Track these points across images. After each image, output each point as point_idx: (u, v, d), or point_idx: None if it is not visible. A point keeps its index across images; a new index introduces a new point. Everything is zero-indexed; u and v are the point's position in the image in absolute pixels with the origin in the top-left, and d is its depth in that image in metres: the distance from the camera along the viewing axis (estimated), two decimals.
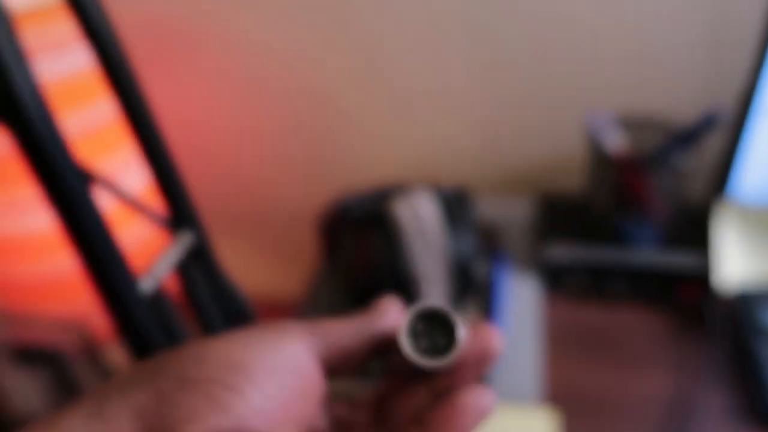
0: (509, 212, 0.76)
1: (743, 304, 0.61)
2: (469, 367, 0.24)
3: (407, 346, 0.24)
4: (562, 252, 0.67)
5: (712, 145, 0.66)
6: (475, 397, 0.24)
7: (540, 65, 0.74)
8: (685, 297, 0.65)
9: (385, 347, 0.26)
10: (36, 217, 0.62)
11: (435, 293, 0.58)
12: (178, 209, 0.34)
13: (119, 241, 0.29)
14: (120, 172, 0.67)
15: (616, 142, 0.64)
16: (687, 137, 0.61)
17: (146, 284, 0.31)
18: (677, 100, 0.71)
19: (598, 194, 0.67)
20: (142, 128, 0.32)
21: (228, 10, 0.77)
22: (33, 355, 0.64)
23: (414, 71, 0.77)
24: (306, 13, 0.75)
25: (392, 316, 0.26)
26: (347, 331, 0.26)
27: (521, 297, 0.67)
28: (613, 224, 0.67)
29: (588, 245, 0.67)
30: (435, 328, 0.25)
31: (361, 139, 0.84)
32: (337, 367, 0.25)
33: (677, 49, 0.70)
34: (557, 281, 0.68)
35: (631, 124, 0.66)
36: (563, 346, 0.62)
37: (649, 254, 0.65)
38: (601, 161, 0.65)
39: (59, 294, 0.67)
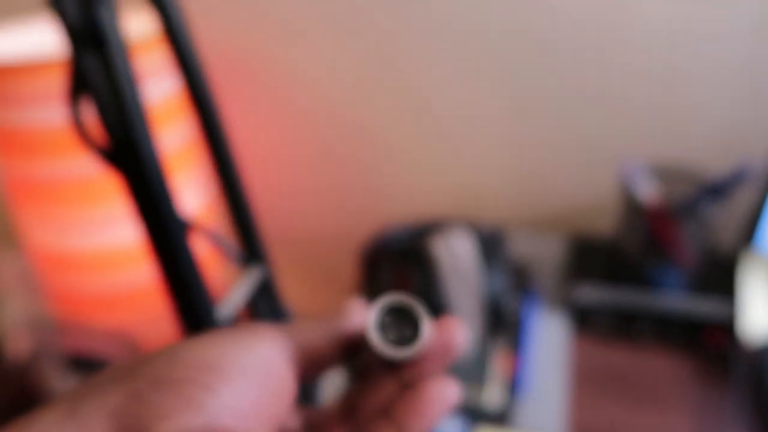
0: (541, 250, 0.79)
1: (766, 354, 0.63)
2: (434, 358, 0.26)
3: (375, 338, 0.25)
4: (591, 293, 0.69)
5: (743, 197, 0.68)
6: (440, 387, 0.25)
7: (576, 108, 0.76)
8: (710, 343, 0.67)
9: (354, 347, 0.27)
10: (95, 237, 0.66)
11: (468, 327, 0.60)
12: (251, 244, 0.37)
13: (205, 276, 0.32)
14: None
15: (648, 190, 0.66)
16: (718, 190, 0.63)
17: (224, 311, 0.34)
18: (709, 152, 0.73)
19: (629, 239, 0.70)
20: (223, 165, 0.36)
21: (274, 43, 0.81)
22: (85, 364, 0.68)
23: (453, 107, 0.81)
24: (350, 48, 0.79)
25: (358, 317, 0.27)
26: (317, 332, 0.26)
27: (549, 334, 0.69)
28: (642, 268, 0.69)
29: (617, 287, 0.69)
30: (401, 321, 0.26)
31: (401, 173, 0.87)
32: (310, 369, 0.26)
33: (712, 103, 0.72)
34: (585, 321, 0.70)
35: (663, 173, 0.68)
36: (589, 385, 0.64)
37: (676, 299, 0.67)
38: (632, 208, 0.68)
39: (111, 307, 0.71)
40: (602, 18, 0.71)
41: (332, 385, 0.58)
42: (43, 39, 0.71)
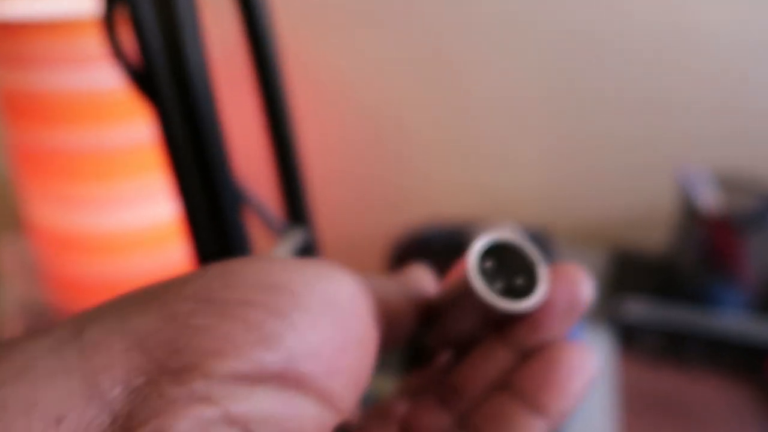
0: (584, 262, 0.73)
1: None
2: (556, 316, 0.19)
3: (481, 287, 0.18)
4: (638, 309, 0.63)
5: None
6: (576, 354, 0.19)
7: (629, 110, 0.72)
8: None
9: (432, 314, 0.21)
10: (109, 217, 0.61)
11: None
12: (295, 205, 0.32)
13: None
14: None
15: (709, 199, 0.61)
16: None
17: None
18: None
19: (684, 252, 0.64)
20: (276, 115, 0.31)
21: (309, 38, 0.76)
22: None
23: (496, 108, 0.76)
24: (389, 43, 0.75)
25: (428, 283, 0.22)
26: (393, 287, 0.21)
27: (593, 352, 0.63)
28: (697, 285, 0.64)
29: (667, 304, 0.63)
30: (506, 268, 0.20)
31: (434, 171, 0.82)
32: (387, 332, 0.20)
33: None
34: (631, 340, 0.64)
35: (726, 181, 0.63)
36: (635, 409, 0.59)
37: (734, 321, 0.62)
38: (690, 217, 0.62)
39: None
40: (662, 19, 0.67)
41: None
42: None
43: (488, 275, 0.19)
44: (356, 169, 0.85)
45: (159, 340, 0.14)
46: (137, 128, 0.57)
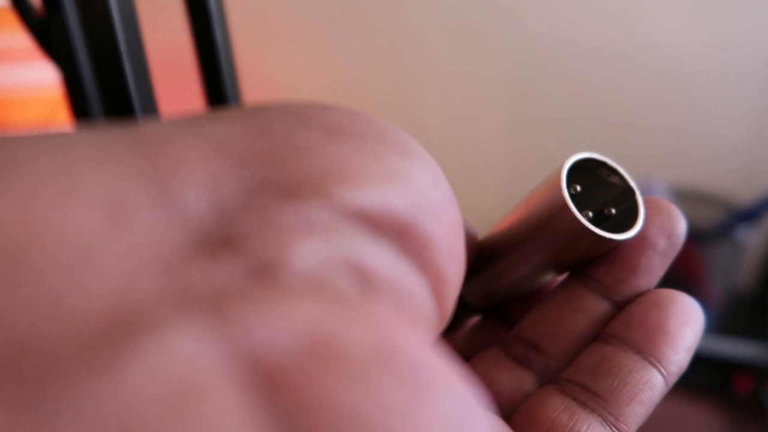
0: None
1: None
2: (656, 256, 0.16)
3: (574, 212, 0.15)
4: None
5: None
6: (685, 302, 0.16)
7: (587, 132, 0.71)
8: (740, 388, 0.59)
9: (491, 256, 0.18)
10: None
11: None
12: None
13: None
14: None
15: None
16: (750, 214, 0.57)
17: None
18: (729, 178, 0.67)
19: None
20: None
21: (263, 49, 0.73)
22: None
23: (445, 123, 0.74)
24: (341, 58, 0.72)
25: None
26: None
27: None
28: None
29: None
30: (595, 193, 0.17)
31: None
32: None
33: (732, 127, 0.67)
34: None
35: (684, 196, 0.62)
36: None
37: (701, 340, 0.60)
38: None
39: None
40: (617, 41, 0.66)
41: None
42: None
43: (577, 200, 0.16)
44: None
45: (250, 149, 0.10)
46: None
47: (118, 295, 0.08)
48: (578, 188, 0.16)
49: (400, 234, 0.11)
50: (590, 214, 0.17)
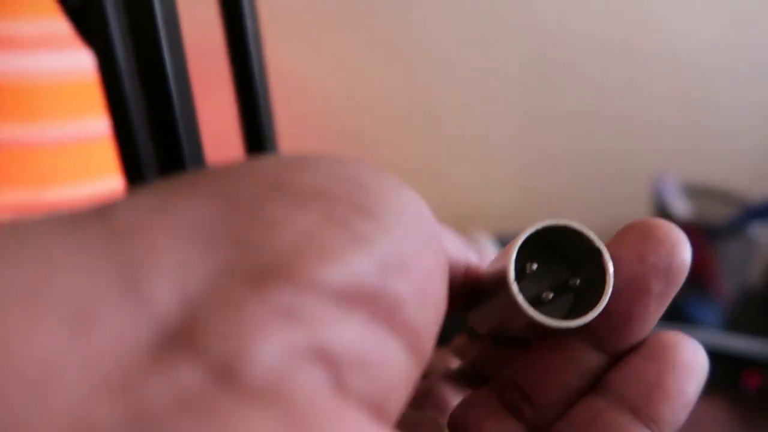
0: None
1: None
2: (652, 300, 0.15)
3: (520, 297, 0.14)
4: None
5: None
6: (686, 350, 0.15)
7: (598, 127, 0.71)
8: (750, 384, 0.59)
9: (473, 291, 0.17)
10: None
11: None
12: None
13: None
14: None
15: (682, 209, 0.60)
16: (763, 211, 0.57)
17: None
18: (743, 175, 0.67)
19: None
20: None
21: (273, 46, 0.73)
22: None
23: (469, 121, 0.74)
24: (356, 56, 0.72)
25: (489, 254, 0.18)
26: (451, 234, 0.17)
27: None
28: (674, 300, 0.62)
29: None
30: (557, 263, 0.16)
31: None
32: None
33: (747, 125, 0.67)
34: None
35: (697, 192, 0.62)
36: None
37: (711, 336, 0.60)
38: None
39: None
40: (632, 37, 0.66)
41: None
42: None
43: (536, 274, 0.15)
44: None
45: (218, 229, 0.10)
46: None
47: (77, 417, 0.08)
48: (534, 267, 0.15)
49: (370, 302, 0.11)
50: (549, 295, 0.15)
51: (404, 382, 0.12)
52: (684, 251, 0.15)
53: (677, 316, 0.61)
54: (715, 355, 0.59)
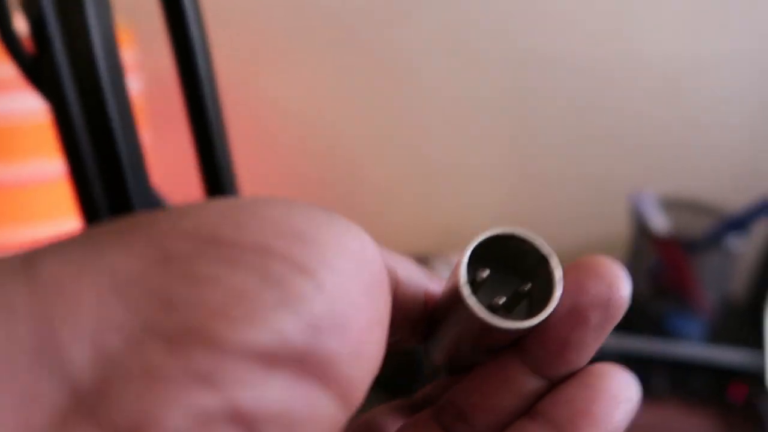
0: None
1: None
2: (590, 330, 0.15)
3: (473, 301, 0.14)
4: None
5: (758, 233, 0.63)
6: (618, 380, 0.15)
7: (579, 145, 0.72)
8: (735, 396, 0.59)
9: (432, 319, 0.18)
10: None
11: None
12: None
13: None
14: None
15: (661, 223, 0.60)
16: (739, 223, 0.57)
17: None
18: (723, 188, 0.68)
19: (640, 278, 0.63)
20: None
21: (253, 71, 0.74)
22: None
23: (443, 141, 0.75)
24: (336, 79, 0.73)
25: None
26: (411, 268, 0.17)
27: None
28: (656, 314, 0.62)
29: (627, 335, 0.62)
30: (509, 271, 0.16)
31: (385, 211, 0.80)
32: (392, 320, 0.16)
33: (725, 138, 0.68)
34: None
35: (676, 206, 0.63)
36: None
37: (695, 348, 0.60)
38: (644, 242, 0.61)
39: None
40: (610, 53, 0.67)
41: None
42: None
43: (488, 281, 0.16)
44: None
45: (145, 286, 0.10)
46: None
47: None
48: (485, 274, 0.16)
49: (297, 361, 0.11)
50: (501, 300, 0.16)
51: (333, 429, 0.12)
52: (623, 288, 0.15)
53: (660, 330, 0.62)
54: (699, 368, 0.60)
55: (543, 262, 0.15)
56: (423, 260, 0.63)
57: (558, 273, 0.15)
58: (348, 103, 0.75)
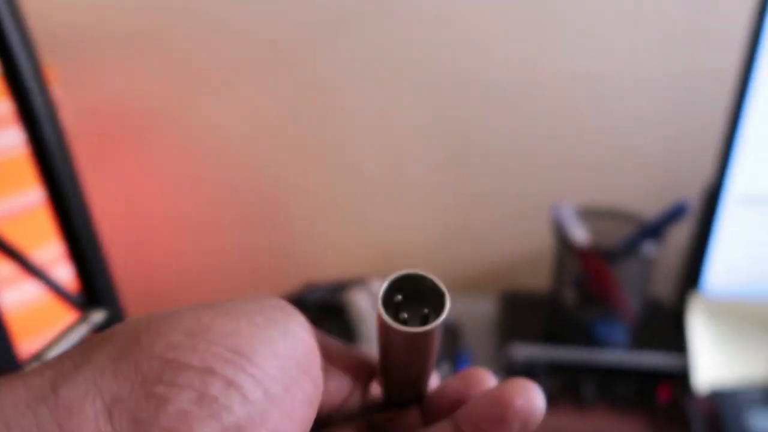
0: (473, 310, 0.72)
1: (723, 402, 0.57)
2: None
3: (385, 314, 0.19)
4: (528, 352, 0.62)
5: (678, 238, 0.65)
6: (522, 392, 0.19)
7: (504, 159, 0.73)
8: (663, 398, 0.61)
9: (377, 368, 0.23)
10: None
11: None
12: (93, 283, 0.29)
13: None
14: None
15: (581, 234, 0.62)
16: (655, 228, 0.59)
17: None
18: (641, 192, 0.70)
19: (565, 290, 0.64)
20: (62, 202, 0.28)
21: (180, 98, 0.74)
22: None
23: (376, 162, 0.76)
24: (263, 99, 0.73)
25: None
26: (342, 348, 0.22)
27: None
28: (582, 322, 0.64)
29: (557, 345, 0.63)
30: (418, 304, 0.21)
31: (321, 233, 0.80)
32: (328, 392, 0.21)
33: (640, 145, 0.70)
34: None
35: (597, 215, 0.64)
36: None
37: (621, 354, 0.62)
38: (567, 253, 0.63)
39: None
40: (525, 67, 0.69)
41: None
42: None
43: (401, 308, 0.20)
44: (237, 235, 0.82)
45: (125, 406, 0.15)
46: None
47: None
48: (399, 297, 0.20)
49: None
50: (404, 315, 0.20)
51: None
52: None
53: (588, 337, 0.63)
54: (626, 373, 0.61)
55: (438, 294, 0.20)
56: (361, 281, 0.63)
57: (447, 302, 0.20)
58: (280, 127, 0.75)
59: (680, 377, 0.61)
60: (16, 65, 0.24)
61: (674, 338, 0.63)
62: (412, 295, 0.20)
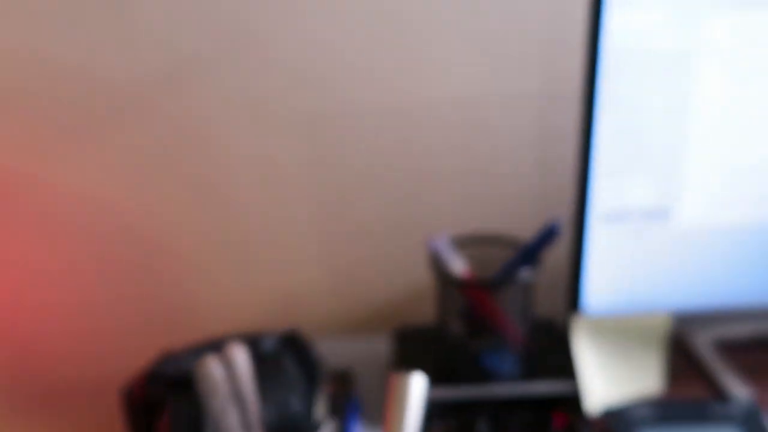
0: (365, 353, 0.69)
1: (615, 422, 0.56)
2: None
3: None
4: None
5: (557, 257, 0.64)
6: None
7: (381, 193, 0.71)
8: (559, 424, 0.59)
9: None
10: None
11: None
12: None
13: None
14: None
15: (459, 265, 0.60)
16: (529, 252, 0.58)
17: None
18: (518, 216, 0.69)
19: (450, 322, 0.62)
20: None
21: (36, 152, 0.69)
22: None
23: (251, 211, 0.73)
24: (125, 151, 0.69)
25: None
26: None
27: None
28: (471, 354, 0.62)
29: (448, 383, 0.60)
30: None
31: (203, 289, 0.76)
32: None
33: (511, 168, 0.70)
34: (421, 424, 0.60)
35: (475, 243, 0.63)
36: None
37: (513, 386, 0.60)
38: (447, 285, 0.61)
39: None
40: (386, 98, 0.68)
41: None
42: None
43: None
44: (105, 299, 0.76)
45: None
46: None
47: None
48: None
49: None
50: None
51: None
52: None
53: (477, 371, 0.61)
54: (521, 404, 0.60)
55: None
56: (256, 336, 0.59)
57: None
58: (144, 179, 0.71)
59: (574, 402, 0.60)
60: None
61: (565, 362, 0.61)
62: None
